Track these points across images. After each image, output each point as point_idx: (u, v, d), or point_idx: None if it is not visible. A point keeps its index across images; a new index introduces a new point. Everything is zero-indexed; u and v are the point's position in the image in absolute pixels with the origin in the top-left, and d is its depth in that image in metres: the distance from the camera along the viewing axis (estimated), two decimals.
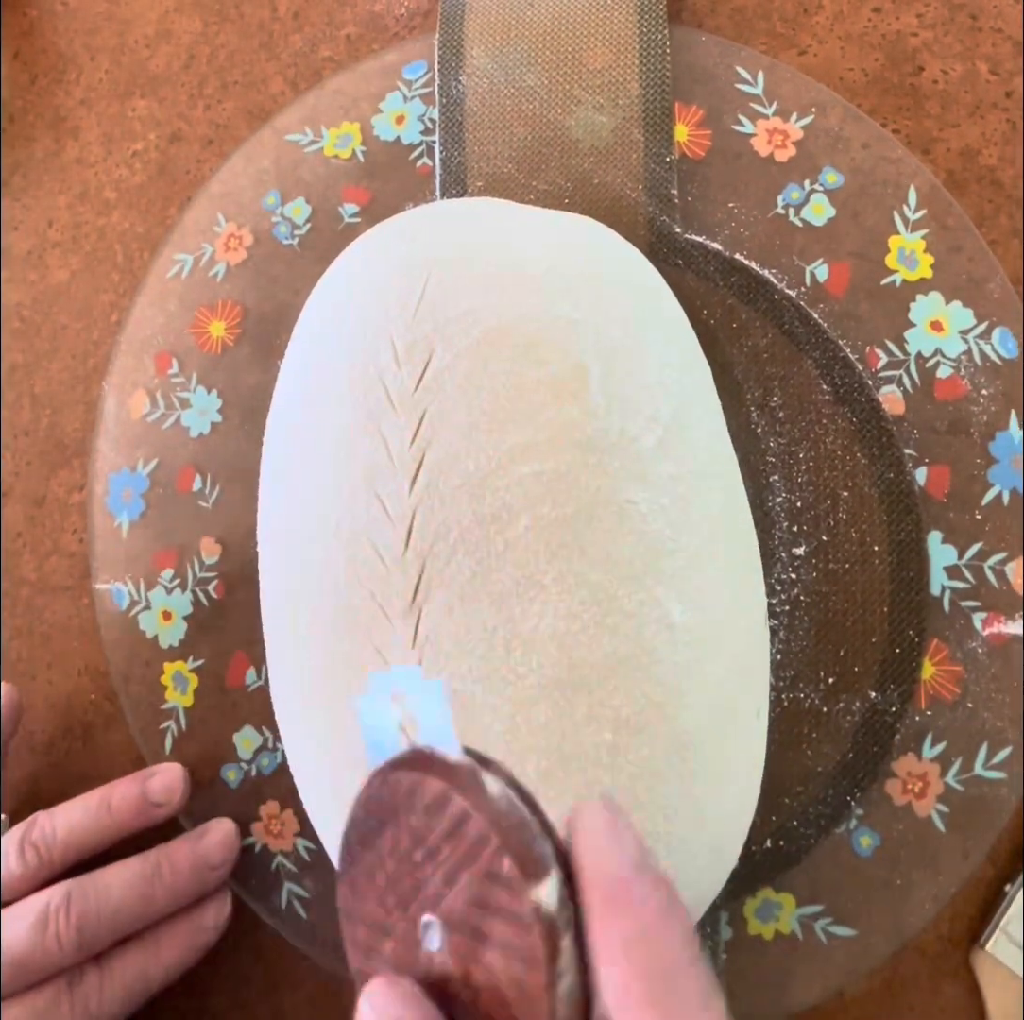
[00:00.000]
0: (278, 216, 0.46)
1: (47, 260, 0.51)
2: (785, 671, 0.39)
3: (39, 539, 0.49)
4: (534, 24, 0.44)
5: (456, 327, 0.34)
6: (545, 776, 0.32)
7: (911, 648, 0.38)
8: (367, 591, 0.33)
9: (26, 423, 0.50)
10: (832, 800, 0.38)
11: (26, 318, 0.51)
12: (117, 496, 0.46)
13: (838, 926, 0.38)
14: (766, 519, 0.39)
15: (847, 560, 0.39)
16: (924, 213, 0.40)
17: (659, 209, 0.42)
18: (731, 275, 0.41)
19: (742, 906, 0.39)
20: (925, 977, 0.39)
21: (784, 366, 0.40)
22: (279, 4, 0.50)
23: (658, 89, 0.42)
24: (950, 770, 0.38)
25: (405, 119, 0.45)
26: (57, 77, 0.52)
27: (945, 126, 0.42)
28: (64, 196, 0.51)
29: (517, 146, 0.43)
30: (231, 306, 0.46)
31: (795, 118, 0.42)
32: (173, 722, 0.44)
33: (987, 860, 0.38)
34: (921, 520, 0.39)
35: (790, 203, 0.41)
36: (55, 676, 0.48)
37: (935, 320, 0.39)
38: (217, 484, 0.45)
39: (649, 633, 0.32)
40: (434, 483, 0.33)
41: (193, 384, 0.46)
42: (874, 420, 0.39)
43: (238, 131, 0.49)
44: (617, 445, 0.33)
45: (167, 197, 0.50)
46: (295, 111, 0.46)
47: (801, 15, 0.44)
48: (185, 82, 0.50)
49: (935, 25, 0.42)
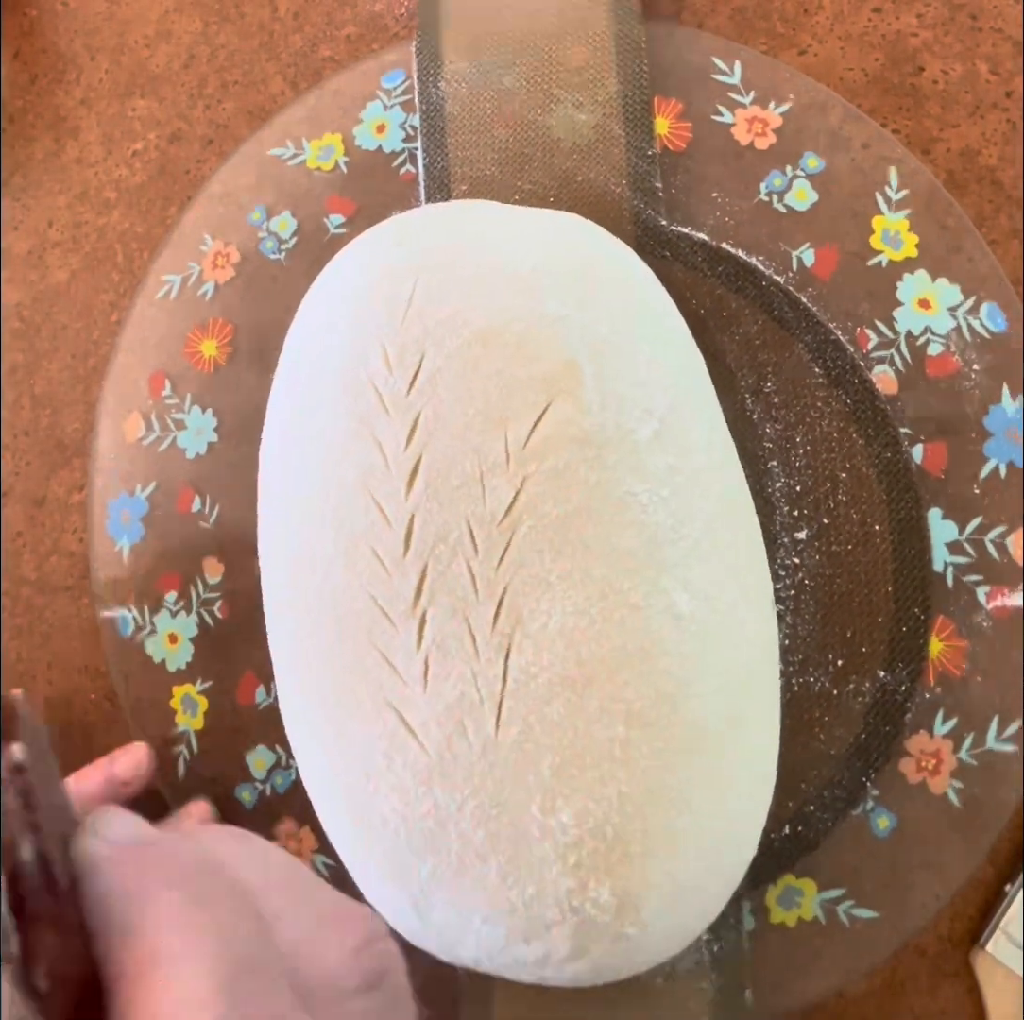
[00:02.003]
0: (264, 231, 0.46)
1: (47, 260, 0.51)
2: (793, 656, 0.39)
3: (39, 539, 0.49)
4: (510, 27, 0.44)
5: (446, 329, 0.34)
6: (559, 773, 0.32)
7: (917, 626, 0.38)
8: (368, 595, 0.34)
9: (26, 423, 0.50)
10: (847, 782, 0.38)
11: (26, 318, 0.51)
12: (116, 521, 0.46)
13: (860, 909, 0.38)
14: (767, 505, 0.40)
15: (849, 541, 0.39)
16: (906, 193, 0.40)
17: (644, 202, 0.42)
18: (718, 264, 0.41)
19: (764, 895, 0.39)
20: (925, 977, 0.40)
21: (776, 352, 0.40)
22: (279, 4, 0.50)
23: (636, 84, 0.42)
24: (962, 745, 0.38)
25: (386, 127, 0.45)
26: (57, 77, 0.52)
27: (945, 126, 0.42)
28: (64, 196, 0.51)
29: (499, 148, 0.43)
30: (222, 324, 0.46)
31: (773, 106, 0.42)
32: (184, 746, 0.44)
33: (987, 860, 0.39)
34: (920, 497, 0.39)
35: (773, 190, 0.41)
36: (55, 676, 0.48)
37: (923, 298, 0.40)
38: (216, 503, 0.45)
39: (656, 625, 0.32)
40: (432, 485, 0.33)
41: (188, 405, 0.45)
42: (868, 401, 0.39)
43: (238, 131, 0.49)
44: (613, 439, 0.33)
45: (167, 197, 0.50)
46: (277, 126, 0.46)
47: (801, 15, 0.44)
48: (185, 82, 0.50)
49: (935, 25, 0.42)
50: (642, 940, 0.33)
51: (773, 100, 0.42)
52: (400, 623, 0.33)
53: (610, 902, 0.32)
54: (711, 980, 0.38)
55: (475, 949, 0.34)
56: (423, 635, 0.33)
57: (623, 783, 0.32)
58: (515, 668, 0.32)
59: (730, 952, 0.38)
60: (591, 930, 0.32)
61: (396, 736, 0.33)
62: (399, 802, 0.33)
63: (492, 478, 0.33)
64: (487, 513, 0.33)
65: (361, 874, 0.36)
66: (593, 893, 0.32)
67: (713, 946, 0.38)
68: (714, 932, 0.38)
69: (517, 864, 0.32)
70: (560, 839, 0.32)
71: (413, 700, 0.33)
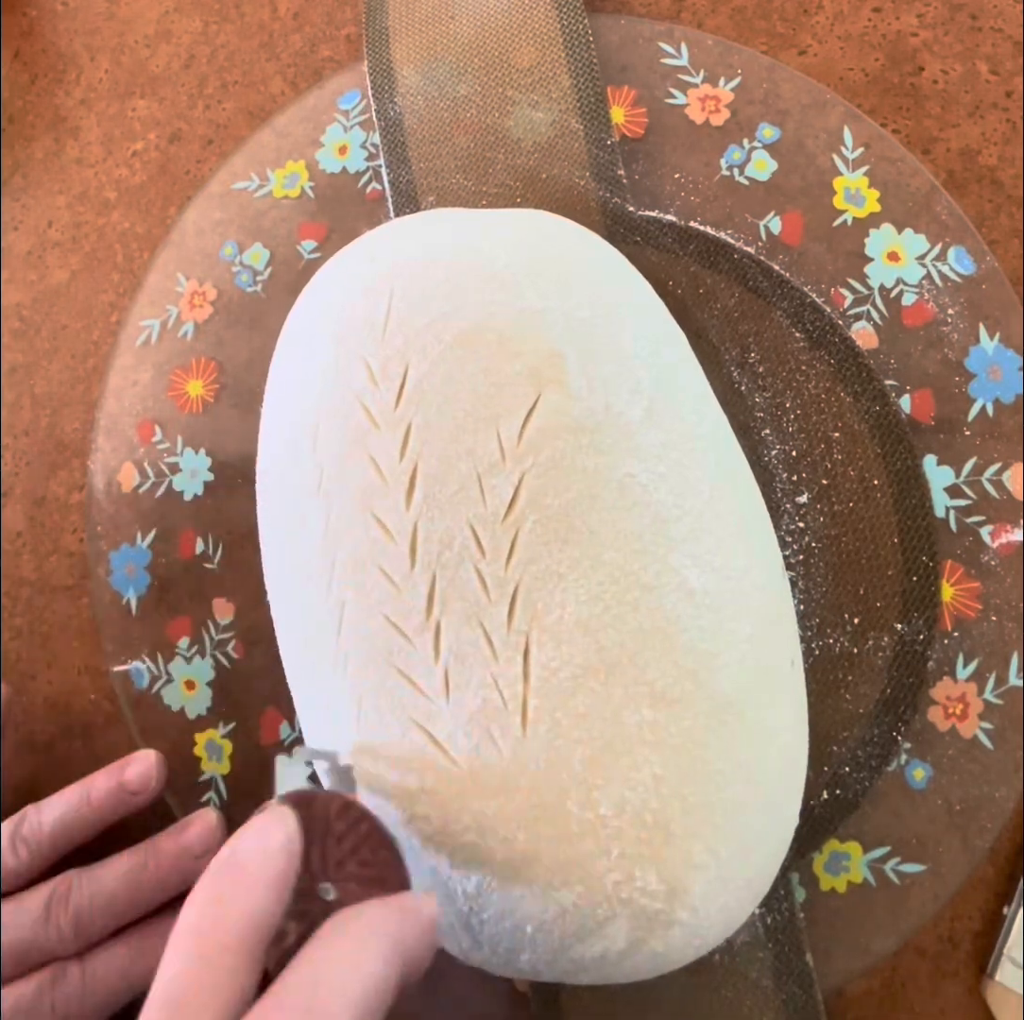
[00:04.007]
0: (238, 265, 0.46)
1: (47, 260, 0.51)
2: (810, 620, 0.39)
3: (39, 539, 0.49)
4: (458, 35, 0.44)
5: (427, 336, 0.34)
6: (591, 764, 0.32)
7: (927, 573, 0.38)
8: (380, 614, 0.33)
9: (26, 423, 0.50)
10: (879, 739, 0.38)
11: (26, 318, 0.51)
12: (121, 573, 0.45)
13: (908, 864, 0.38)
14: (765, 473, 0.40)
15: (850, 499, 0.39)
16: (862, 151, 0.41)
17: (609, 192, 0.42)
18: (689, 243, 0.42)
19: (811, 864, 0.38)
20: (925, 977, 0.39)
21: (756, 322, 0.41)
22: (279, 4, 0.50)
23: (588, 77, 0.43)
24: (986, 686, 0.38)
25: (348, 149, 0.45)
26: (57, 77, 0.52)
27: (945, 126, 0.42)
28: (64, 196, 0.51)
29: (462, 155, 0.44)
30: (205, 363, 0.46)
31: (723, 82, 0.42)
32: (213, 792, 0.43)
33: (987, 860, 0.39)
34: (914, 447, 0.39)
35: (733, 164, 0.42)
36: (55, 676, 0.48)
37: (891, 251, 0.40)
38: (220, 543, 0.44)
39: (670, 602, 0.32)
40: (430, 493, 0.33)
41: (179, 447, 0.45)
42: (851, 358, 0.40)
43: (238, 131, 0.49)
44: (605, 422, 0.33)
45: (167, 197, 0.50)
46: (240, 160, 0.46)
47: (801, 15, 0.44)
48: (185, 82, 0.50)
49: (935, 25, 0.43)
50: (696, 924, 0.32)
51: (723, 77, 0.42)
52: (415, 637, 0.33)
53: (659, 889, 0.31)
54: (768, 949, 0.38)
55: (532, 958, 0.33)
56: (439, 646, 0.33)
57: (656, 766, 0.32)
58: (536, 665, 0.32)
59: (784, 924, 0.38)
60: (644, 920, 0.32)
61: (425, 754, 0.33)
62: (438, 820, 0.32)
63: (490, 477, 0.33)
64: (489, 513, 0.33)
65: None
66: (640, 882, 0.31)
67: (767, 919, 0.38)
68: (765, 906, 0.38)
69: (562, 864, 0.32)
70: (601, 832, 0.31)
71: (437, 714, 0.33)
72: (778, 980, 0.38)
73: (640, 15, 0.45)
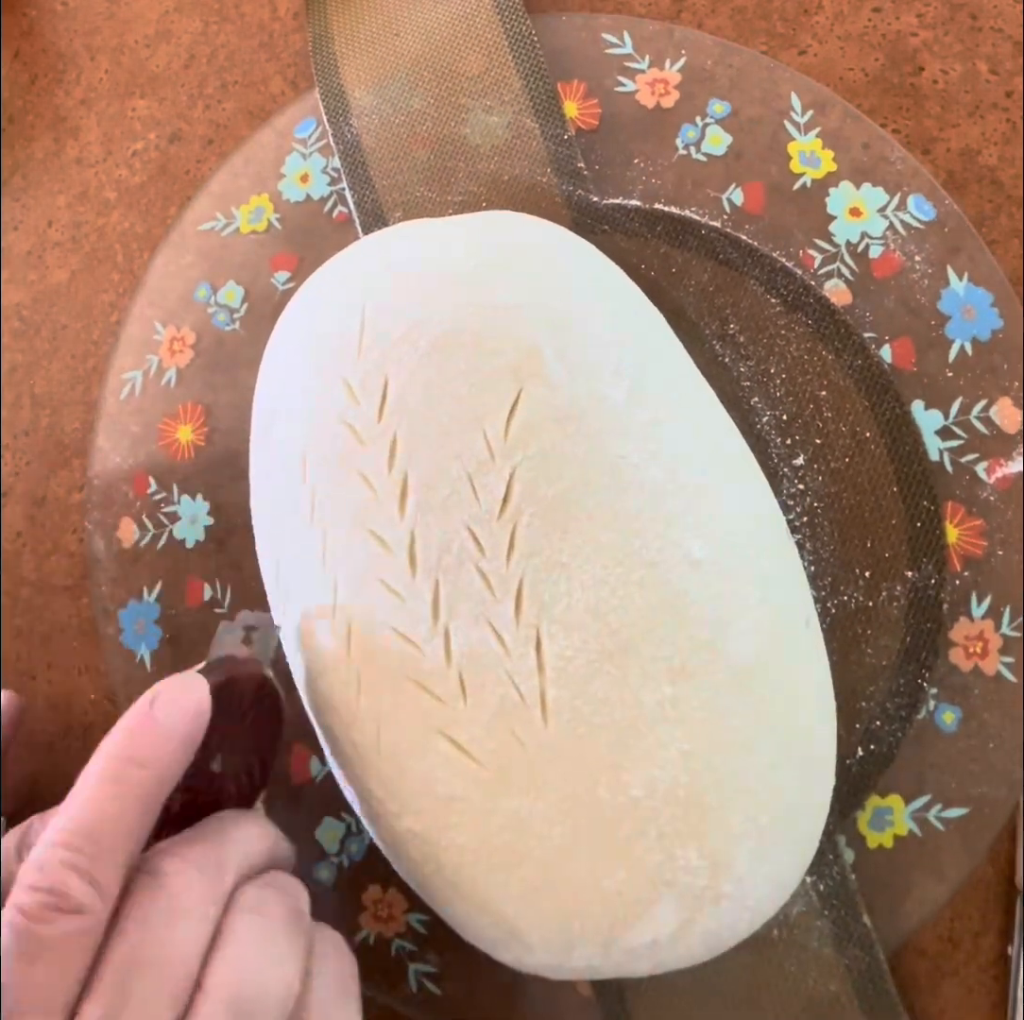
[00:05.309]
0: (214, 306, 0.46)
1: (47, 260, 0.51)
2: (823, 580, 0.39)
3: (39, 539, 0.49)
4: (406, 51, 0.45)
5: (403, 346, 0.35)
6: (617, 748, 0.32)
7: (930, 518, 0.38)
8: (388, 628, 0.33)
9: (26, 423, 0.50)
10: (905, 689, 0.38)
11: (26, 318, 0.51)
12: (131, 631, 0.45)
13: (950, 809, 0.38)
14: (759, 441, 0.40)
15: (845, 455, 0.39)
16: (811, 114, 0.41)
17: (572, 185, 0.43)
18: (656, 225, 0.42)
19: (855, 824, 0.38)
20: (925, 977, 0.39)
21: (731, 293, 0.41)
22: (279, 4, 0.50)
23: (537, 76, 0.43)
24: (1003, 621, 0.38)
25: (310, 176, 0.46)
26: (57, 77, 0.53)
27: (945, 126, 0.42)
28: (64, 196, 0.51)
29: (423, 168, 0.44)
30: (192, 407, 0.46)
31: (669, 64, 0.43)
32: None
33: (987, 860, 0.38)
34: (900, 394, 0.39)
35: (689, 142, 0.42)
36: (55, 676, 0.47)
37: (852, 207, 0.40)
38: (227, 585, 0.44)
39: (676, 576, 0.32)
40: (423, 500, 0.33)
41: (176, 495, 0.45)
42: (828, 316, 0.40)
43: (238, 131, 0.49)
44: (589, 408, 0.33)
45: (167, 197, 0.50)
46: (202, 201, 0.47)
47: (801, 15, 0.44)
48: (185, 82, 0.51)
49: (935, 25, 0.43)
50: (743, 896, 0.32)
51: (668, 59, 0.43)
52: (425, 645, 0.33)
53: (701, 865, 0.31)
54: (825, 916, 0.38)
55: (584, 954, 0.33)
56: (450, 650, 0.33)
57: (682, 741, 0.31)
58: (550, 656, 0.32)
59: (837, 888, 0.38)
60: (691, 899, 0.32)
61: (451, 762, 0.33)
62: (472, 826, 0.32)
63: (480, 476, 0.33)
64: (484, 512, 0.33)
65: (452, 915, 0.35)
66: (682, 861, 0.31)
67: (819, 886, 0.38)
68: (816, 873, 0.38)
69: (601, 852, 0.31)
70: (635, 814, 0.31)
71: (457, 719, 0.32)
72: (839, 946, 0.37)
73: (640, 15, 0.45)
